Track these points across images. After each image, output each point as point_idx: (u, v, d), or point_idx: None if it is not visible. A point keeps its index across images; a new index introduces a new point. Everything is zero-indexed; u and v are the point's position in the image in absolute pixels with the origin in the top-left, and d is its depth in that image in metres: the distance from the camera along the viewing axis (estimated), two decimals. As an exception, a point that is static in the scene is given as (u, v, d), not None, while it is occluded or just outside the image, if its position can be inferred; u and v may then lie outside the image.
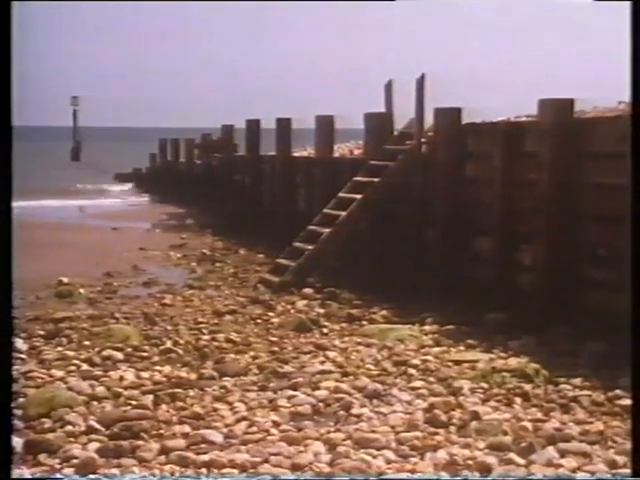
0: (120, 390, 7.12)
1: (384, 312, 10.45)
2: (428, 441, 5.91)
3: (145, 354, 8.49)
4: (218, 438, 5.97)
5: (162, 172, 33.20)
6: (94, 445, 5.85)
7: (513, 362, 7.77)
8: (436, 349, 8.58)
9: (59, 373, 7.66)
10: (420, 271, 12.04)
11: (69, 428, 6.19)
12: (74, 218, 25.53)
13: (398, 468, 5.50)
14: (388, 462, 5.58)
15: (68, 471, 5.46)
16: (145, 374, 7.70)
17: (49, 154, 58.37)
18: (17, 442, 5.71)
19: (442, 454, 5.64)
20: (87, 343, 8.86)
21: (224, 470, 5.42)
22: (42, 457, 5.66)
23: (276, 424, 6.28)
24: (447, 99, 12.20)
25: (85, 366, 7.97)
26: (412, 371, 7.73)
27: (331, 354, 8.43)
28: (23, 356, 8.26)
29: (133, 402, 6.78)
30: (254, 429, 6.18)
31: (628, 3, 4.18)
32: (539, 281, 9.56)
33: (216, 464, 5.48)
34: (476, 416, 6.35)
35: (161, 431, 6.14)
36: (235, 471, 5.42)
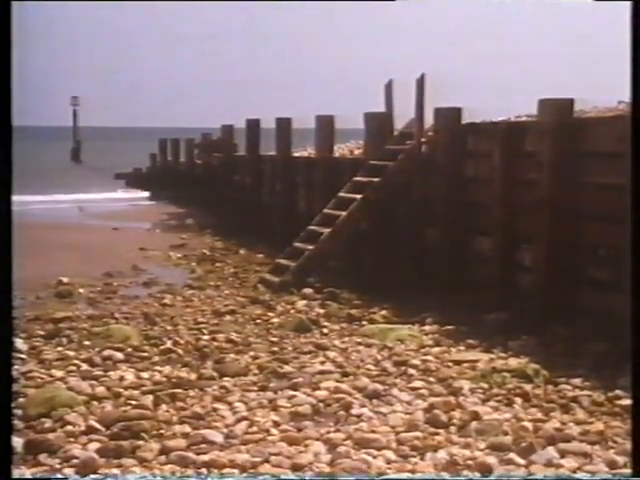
0: (120, 390, 7.11)
1: (384, 312, 10.45)
2: (428, 441, 5.91)
3: (145, 354, 8.49)
4: (218, 438, 5.97)
5: (162, 172, 33.17)
6: (94, 445, 5.85)
7: (513, 362, 7.77)
8: (436, 349, 8.58)
9: (59, 373, 7.66)
10: (420, 271, 12.04)
11: (69, 428, 6.19)
12: (74, 218, 25.51)
13: (398, 468, 5.49)
14: (388, 462, 5.57)
15: (68, 471, 5.45)
16: (145, 374, 7.69)
17: (49, 154, 58.36)
18: (17, 442, 5.71)
19: (442, 454, 5.64)
20: (87, 343, 8.86)
21: (224, 470, 5.42)
22: (42, 457, 5.65)
23: (276, 424, 6.27)
24: (447, 99, 12.22)
25: (85, 366, 7.97)
26: (412, 371, 7.73)
27: (331, 354, 8.43)
28: (23, 356, 8.26)
29: (133, 402, 6.78)
30: (254, 429, 6.18)
31: (628, 3, 4.18)
32: (539, 281, 9.56)
33: (216, 464, 5.48)
34: (476, 416, 6.35)
35: (161, 431, 6.13)
36: (235, 471, 5.42)
